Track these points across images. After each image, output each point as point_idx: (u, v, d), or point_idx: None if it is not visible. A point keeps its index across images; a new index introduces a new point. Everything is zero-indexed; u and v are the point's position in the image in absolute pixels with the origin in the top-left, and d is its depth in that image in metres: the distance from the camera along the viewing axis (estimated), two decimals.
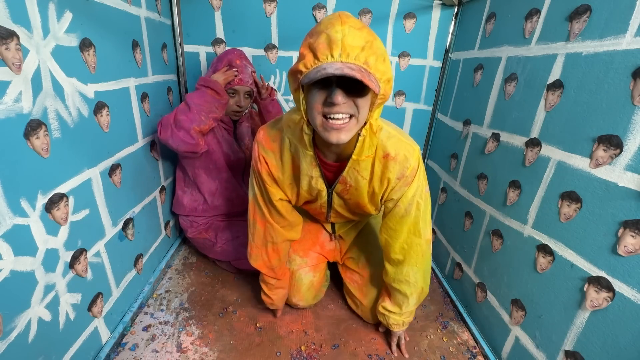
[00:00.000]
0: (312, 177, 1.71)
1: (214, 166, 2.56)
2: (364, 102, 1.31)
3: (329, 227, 2.39)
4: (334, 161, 1.67)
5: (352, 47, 1.19)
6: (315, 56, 1.22)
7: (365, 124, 1.44)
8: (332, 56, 1.19)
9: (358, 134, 1.49)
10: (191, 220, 2.71)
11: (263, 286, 2.18)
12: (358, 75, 1.17)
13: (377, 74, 1.25)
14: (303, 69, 1.25)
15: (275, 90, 2.76)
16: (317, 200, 1.89)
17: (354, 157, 1.57)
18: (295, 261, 2.29)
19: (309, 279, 2.25)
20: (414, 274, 1.90)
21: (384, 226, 1.88)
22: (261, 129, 1.77)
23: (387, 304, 2.05)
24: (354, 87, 1.26)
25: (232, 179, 2.68)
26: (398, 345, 2.14)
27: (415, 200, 1.73)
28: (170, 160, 2.74)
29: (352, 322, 2.33)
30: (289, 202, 1.94)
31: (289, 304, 2.32)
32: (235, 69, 2.34)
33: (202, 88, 2.22)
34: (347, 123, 1.34)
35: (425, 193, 1.78)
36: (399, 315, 2.02)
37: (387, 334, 2.20)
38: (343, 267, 2.44)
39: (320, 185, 1.75)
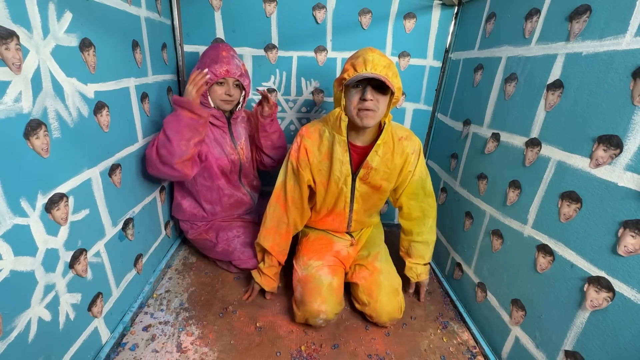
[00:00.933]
0: (343, 162, 2.13)
1: (208, 174, 2.55)
2: (384, 100, 1.94)
3: (347, 237, 2.53)
4: (362, 144, 2.15)
5: (379, 65, 1.84)
6: (355, 69, 1.86)
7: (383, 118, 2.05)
8: (366, 69, 1.83)
9: (380, 126, 2.11)
10: (191, 223, 2.72)
11: (261, 266, 2.39)
12: (382, 79, 1.81)
13: (393, 82, 1.86)
14: (346, 77, 1.89)
15: (276, 106, 2.71)
16: (342, 193, 2.26)
17: (378, 141, 2.07)
18: (312, 265, 2.28)
19: (328, 280, 2.22)
20: (431, 225, 2.46)
21: (405, 193, 2.37)
22: (304, 127, 2.24)
23: (412, 259, 2.49)
24: (379, 89, 1.90)
25: (230, 184, 2.69)
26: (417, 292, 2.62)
27: (424, 168, 2.34)
28: None
29: (352, 322, 2.33)
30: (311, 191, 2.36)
31: (309, 319, 2.19)
32: (205, 70, 2.23)
33: (178, 109, 2.13)
34: (374, 112, 1.93)
35: (427, 170, 2.38)
36: (424, 266, 2.51)
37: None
38: (350, 269, 2.44)
39: (347, 170, 2.15)
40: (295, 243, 2.57)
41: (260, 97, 2.71)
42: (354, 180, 2.20)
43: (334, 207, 2.35)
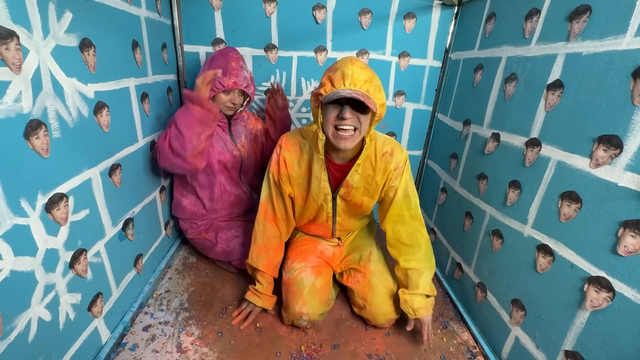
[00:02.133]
0: (321, 180, 2.07)
1: (210, 170, 2.56)
2: (365, 119, 1.80)
3: (333, 240, 2.51)
4: (341, 162, 2.05)
5: (358, 80, 1.70)
6: (332, 84, 1.72)
7: (365, 135, 1.92)
8: (344, 85, 1.69)
9: (361, 142, 1.95)
10: (191, 222, 2.72)
11: (259, 288, 2.27)
12: (362, 98, 1.66)
13: (375, 99, 1.75)
14: (323, 92, 1.74)
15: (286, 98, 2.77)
16: (323, 209, 2.23)
17: (358, 161, 1.98)
18: (295, 268, 2.28)
19: (310, 281, 2.21)
20: (421, 256, 2.18)
21: (388, 216, 2.20)
22: (283, 137, 2.15)
23: (406, 290, 2.14)
24: (359, 107, 1.75)
25: (230, 180, 2.69)
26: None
27: (409, 187, 2.14)
28: None
29: (352, 322, 2.33)
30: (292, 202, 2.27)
31: (293, 321, 2.20)
32: (219, 70, 2.19)
33: (189, 104, 2.15)
34: (352, 135, 1.81)
35: (413, 189, 2.17)
36: (422, 298, 2.10)
37: (408, 335, 2.24)
38: (344, 273, 2.43)
39: (326, 188, 2.10)
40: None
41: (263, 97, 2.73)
42: (334, 198, 2.16)
43: (315, 219, 2.33)
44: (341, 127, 1.79)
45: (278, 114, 2.72)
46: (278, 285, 2.35)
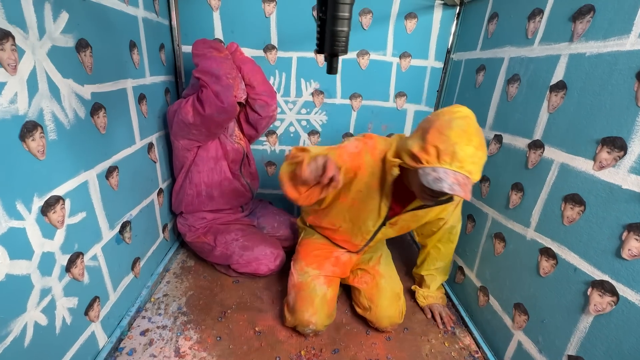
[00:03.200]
0: (380, 207, 2.05)
1: (214, 154, 2.58)
2: None
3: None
4: (405, 198, 2.01)
5: (467, 164, 1.54)
6: (438, 159, 1.56)
7: None
8: (450, 165, 1.54)
9: None
10: (189, 224, 2.72)
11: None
12: (462, 195, 1.53)
13: (474, 178, 1.58)
14: (424, 161, 1.60)
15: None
16: (363, 231, 2.22)
17: (422, 212, 2.08)
18: (309, 273, 2.26)
19: (322, 291, 2.20)
20: (444, 266, 2.48)
21: (430, 238, 2.38)
22: (374, 141, 2.01)
23: (419, 287, 2.56)
24: None
25: (229, 171, 2.69)
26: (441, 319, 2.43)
27: (459, 217, 2.29)
28: (168, 163, 2.75)
29: (353, 327, 2.32)
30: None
31: (297, 327, 2.19)
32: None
33: (208, 51, 2.27)
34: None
35: (460, 217, 2.31)
36: (434, 289, 2.52)
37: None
38: (351, 273, 2.43)
39: (382, 216, 2.09)
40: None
41: None
42: (383, 224, 2.16)
43: (348, 235, 2.30)
44: (432, 197, 1.75)
45: (256, 117, 2.74)
46: (278, 285, 2.35)
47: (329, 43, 1.23)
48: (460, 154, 1.53)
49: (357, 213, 2.14)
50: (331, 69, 1.33)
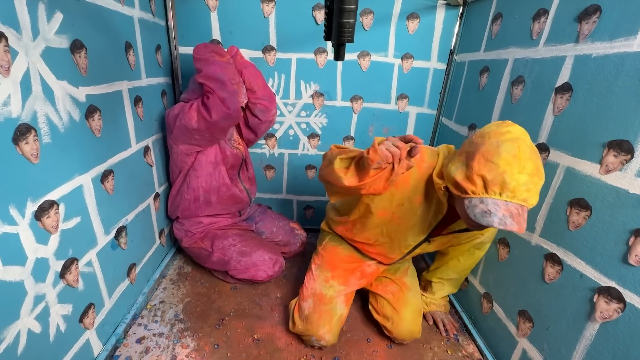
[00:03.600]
0: (423, 224, 1.98)
1: (214, 159, 2.58)
2: None
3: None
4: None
5: (520, 192, 1.42)
6: (486, 190, 1.46)
7: None
8: (499, 195, 1.44)
9: None
10: (186, 229, 2.72)
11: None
12: (516, 229, 1.41)
13: (530, 204, 1.47)
14: (469, 192, 1.50)
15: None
16: (403, 246, 2.15)
17: (468, 234, 2.04)
18: (334, 287, 2.24)
19: (340, 311, 2.20)
20: (457, 279, 2.44)
21: (455, 249, 2.27)
22: (424, 155, 1.87)
23: (424, 292, 2.52)
24: None
25: (227, 176, 2.68)
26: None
27: (494, 234, 2.17)
28: (165, 167, 2.75)
29: (354, 335, 2.32)
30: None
31: (305, 336, 2.18)
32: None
33: (211, 56, 2.30)
34: None
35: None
36: (443, 298, 2.53)
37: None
38: (376, 280, 2.42)
39: (425, 232, 2.03)
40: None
41: None
42: (425, 240, 2.11)
43: (385, 249, 2.24)
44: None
45: (257, 122, 2.76)
46: (277, 291, 2.35)
47: (336, 33, 1.27)
48: (512, 184, 1.42)
49: (397, 228, 2.07)
50: (338, 56, 1.37)
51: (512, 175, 1.41)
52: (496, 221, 1.42)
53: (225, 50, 2.52)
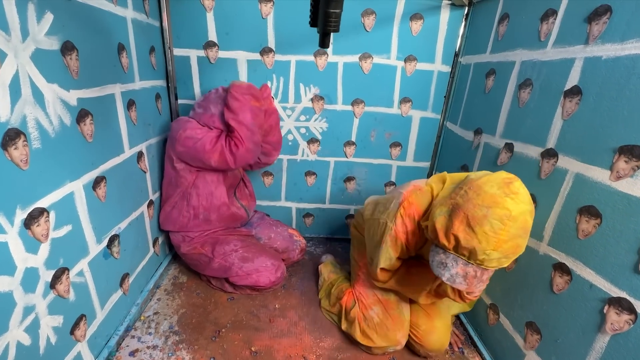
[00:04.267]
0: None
1: (216, 178, 2.60)
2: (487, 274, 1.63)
3: None
4: None
5: (488, 263, 1.53)
6: (456, 250, 1.57)
7: None
8: (467, 259, 1.56)
9: None
10: (183, 235, 2.71)
11: None
12: (462, 288, 1.61)
13: (508, 264, 1.59)
14: (441, 244, 1.62)
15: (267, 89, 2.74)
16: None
17: None
18: (391, 291, 2.28)
19: (407, 314, 2.23)
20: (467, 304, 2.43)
21: None
22: (418, 207, 1.93)
23: (452, 311, 2.42)
24: None
25: (226, 195, 2.69)
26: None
27: None
28: (159, 173, 2.74)
29: (353, 348, 2.31)
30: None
31: (378, 349, 2.19)
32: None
33: (243, 97, 2.36)
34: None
35: None
36: None
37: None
38: None
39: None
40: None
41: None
42: None
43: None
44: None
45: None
46: (275, 301, 2.34)
47: (322, 22, 1.28)
48: (481, 257, 1.52)
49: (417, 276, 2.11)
50: (323, 43, 1.39)
51: (485, 250, 1.50)
52: (446, 276, 1.60)
53: (259, 89, 2.56)
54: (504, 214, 1.47)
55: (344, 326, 2.34)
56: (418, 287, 2.06)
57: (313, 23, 1.37)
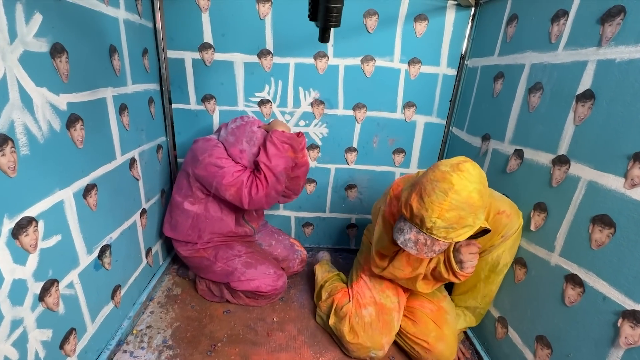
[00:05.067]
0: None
1: (225, 206, 2.64)
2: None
3: None
4: None
5: (437, 232, 1.72)
6: (410, 218, 1.79)
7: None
8: (420, 227, 1.76)
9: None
10: (185, 242, 2.71)
11: None
12: (413, 253, 1.80)
13: (458, 238, 1.76)
14: (402, 212, 1.84)
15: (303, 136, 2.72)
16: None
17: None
18: (390, 298, 2.34)
19: (396, 326, 2.30)
20: (477, 316, 2.41)
21: (476, 276, 2.27)
22: (398, 182, 2.22)
23: (458, 326, 2.41)
24: None
25: (236, 221, 2.72)
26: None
27: (508, 253, 2.15)
28: (152, 180, 2.74)
29: None
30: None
31: (361, 352, 2.25)
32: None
33: (282, 145, 2.39)
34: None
35: (512, 256, 2.17)
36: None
37: None
38: (413, 298, 2.44)
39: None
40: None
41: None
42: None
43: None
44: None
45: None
46: (273, 315, 2.34)
47: (323, 17, 1.31)
48: (429, 224, 1.73)
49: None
50: (323, 38, 1.42)
51: (430, 217, 1.71)
52: (400, 239, 1.83)
53: (298, 138, 2.55)
54: (447, 187, 1.69)
55: (331, 321, 2.38)
56: (414, 272, 2.11)
57: (313, 17, 1.39)
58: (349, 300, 2.38)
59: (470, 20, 2.80)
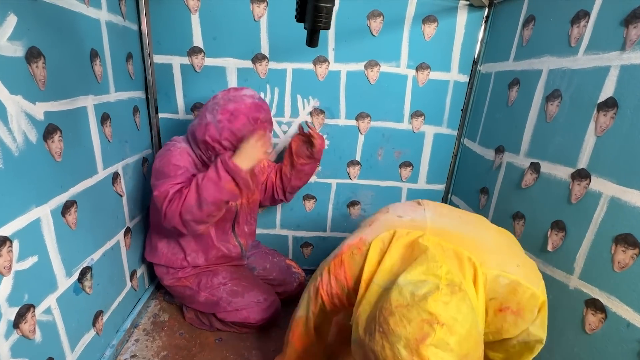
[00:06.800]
0: None
1: None
2: None
3: None
4: None
5: None
6: None
7: None
8: None
9: None
10: (168, 267, 2.69)
11: None
12: None
13: None
14: None
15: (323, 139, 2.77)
16: None
17: None
18: None
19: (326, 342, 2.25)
20: None
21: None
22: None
23: None
24: None
25: (220, 234, 2.68)
26: None
27: (540, 326, 1.82)
28: (137, 197, 2.74)
29: None
30: None
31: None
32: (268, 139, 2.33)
33: (222, 174, 2.14)
34: None
35: None
36: None
37: None
38: None
39: None
40: None
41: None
42: None
43: None
44: None
45: (302, 161, 2.75)
46: (270, 343, 2.35)
47: (311, 17, 1.29)
48: None
49: None
50: (311, 42, 1.40)
51: None
52: None
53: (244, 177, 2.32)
54: None
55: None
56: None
57: (300, 18, 1.38)
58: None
59: (483, 22, 2.79)
